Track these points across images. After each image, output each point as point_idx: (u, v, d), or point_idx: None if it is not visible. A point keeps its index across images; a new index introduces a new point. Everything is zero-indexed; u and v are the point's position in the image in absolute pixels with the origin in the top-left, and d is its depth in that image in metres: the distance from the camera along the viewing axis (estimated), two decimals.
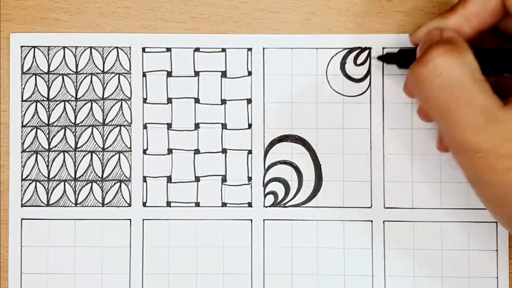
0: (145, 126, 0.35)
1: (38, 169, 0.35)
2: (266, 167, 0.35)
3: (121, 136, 0.35)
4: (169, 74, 0.35)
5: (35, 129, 0.35)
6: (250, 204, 0.35)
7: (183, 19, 0.35)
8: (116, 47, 0.35)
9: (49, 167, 0.35)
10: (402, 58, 0.32)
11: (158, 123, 0.35)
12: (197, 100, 0.35)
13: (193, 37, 0.35)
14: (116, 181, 0.35)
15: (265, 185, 0.35)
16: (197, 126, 0.35)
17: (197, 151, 0.35)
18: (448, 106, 0.26)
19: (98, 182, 0.35)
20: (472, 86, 0.26)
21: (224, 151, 0.35)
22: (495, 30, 0.30)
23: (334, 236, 0.35)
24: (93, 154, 0.35)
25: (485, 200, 0.28)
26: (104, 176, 0.35)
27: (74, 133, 0.35)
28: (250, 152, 0.35)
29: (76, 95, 0.36)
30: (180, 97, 0.35)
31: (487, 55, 0.28)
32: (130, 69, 0.35)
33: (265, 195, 0.35)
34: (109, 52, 0.35)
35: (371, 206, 0.35)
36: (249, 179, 0.35)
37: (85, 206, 0.35)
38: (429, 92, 0.27)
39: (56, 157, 0.35)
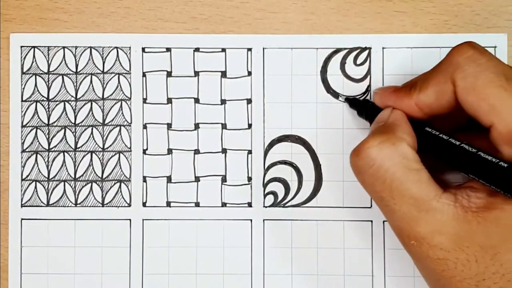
0: (145, 126, 0.35)
1: (38, 169, 0.35)
2: (266, 167, 0.35)
3: (121, 136, 0.35)
4: (169, 74, 0.35)
5: (35, 129, 0.35)
6: (250, 204, 0.35)
7: (183, 19, 0.35)
8: (116, 47, 0.36)
9: (49, 167, 0.35)
10: (363, 108, 0.33)
11: (158, 123, 0.35)
12: (197, 100, 0.35)
13: (193, 37, 0.35)
14: (116, 181, 0.35)
15: (265, 185, 0.35)
16: (197, 126, 0.35)
17: (197, 151, 0.35)
18: (382, 196, 0.27)
19: (98, 182, 0.35)
20: (404, 177, 0.27)
21: (224, 151, 0.35)
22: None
23: (334, 236, 0.35)
24: (93, 154, 0.35)
25: (428, 283, 0.28)
26: (104, 176, 0.35)
27: (74, 133, 0.36)
28: (250, 152, 0.35)
29: (76, 95, 0.36)
30: (180, 97, 0.35)
31: (432, 138, 0.28)
32: (130, 69, 0.35)
33: (265, 195, 0.35)
34: (109, 52, 0.35)
35: (371, 206, 0.35)
36: (249, 179, 0.35)
37: (85, 206, 0.35)
38: (365, 180, 0.28)
39: (56, 157, 0.35)
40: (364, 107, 0.33)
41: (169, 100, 0.35)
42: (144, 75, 0.36)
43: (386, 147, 0.27)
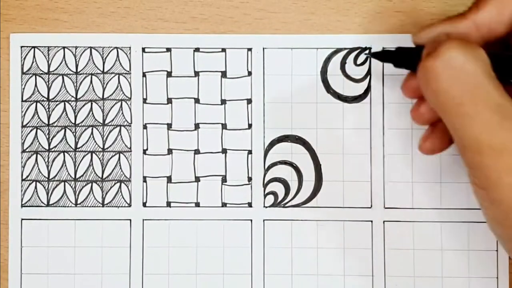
0: (145, 126, 0.35)
1: (38, 169, 0.35)
2: (266, 167, 0.35)
3: (121, 136, 0.35)
4: (169, 74, 0.35)
5: (35, 129, 0.35)
6: (250, 204, 0.35)
7: (183, 19, 0.35)
8: (116, 47, 0.35)
9: (49, 168, 0.35)
10: (400, 57, 0.31)
11: (158, 123, 0.35)
12: (197, 100, 0.35)
13: (193, 37, 0.35)
14: (116, 181, 0.35)
15: (265, 185, 0.35)
16: (197, 126, 0.35)
17: (197, 151, 0.35)
18: (461, 100, 0.25)
19: (98, 182, 0.35)
20: (487, 82, 0.25)
21: (224, 151, 0.35)
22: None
23: (334, 236, 0.35)
24: (93, 154, 0.35)
25: (489, 208, 0.27)
26: (104, 177, 0.35)
27: (74, 133, 0.36)
28: (250, 152, 0.35)
29: (76, 95, 0.36)
30: (180, 97, 0.35)
31: (498, 59, 0.27)
32: (130, 69, 0.35)
33: (265, 195, 0.35)
34: (109, 52, 0.35)
35: (371, 206, 0.35)
36: (249, 179, 0.35)
37: (85, 206, 0.35)
38: (442, 85, 0.26)
39: (56, 158, 0.35)
40: (401, 54, 0.31)
41: (169, 100, 0.35)
42: (144, 75, 0.36)
43: (468, 50, 0.25)
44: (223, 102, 0.35)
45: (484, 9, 0.27)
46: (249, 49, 0.35)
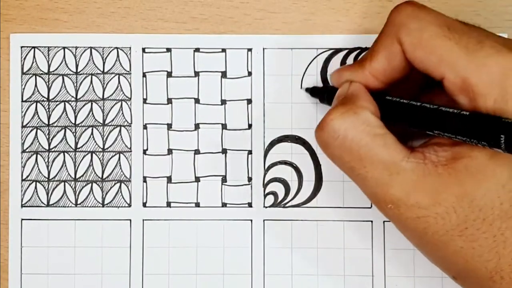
0: (145, 127, 0.35)
1: (38, 169, 0.35)
2: (266, 167, 0.35)
3: (121, 137, 0.35)
4: (169, 74, 0.35)
5: (35, 130, 0.35)
6: (250, 204, 0.35)
7: (183, 20, 0.35)
8: (116, 48, 0.36)
9: (49, 168, 0.35)
10: (324, 94, 0.33)
11: (158, 123, 0.35)
12: (197, 101, 0.35)
13: (193, 37, 0.35)
14: (116, 182, 0.35)
15: (265, 185, 0.35)
16: (197, 126, 0.35)
17: (197, 151, 0.35)
18: (351, 165, 0.27)
19: (98, 183, 0.35)
20: (371, 144, 0.27)
21: (224, 151, 0.35)
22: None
23: (334, 236, 0.35)
24: (93, 155, 0.35)
25: (413, 244, 0.28)
26: (104, 177, 0.35)
27: (74, 134, 0.36)
28: (250, 152, 0.35)
29: (76, 95, 0.36)
30: (180, 98, 0.35)
31: (393, 105, 0.28)
32: (130, 70, 0.35)
33: (265, 195, 0.35)
34: (109, 53, 0.35)
35: (371, 206, 0.35)
36: (249, 179, 0.35)
37: (85, 206, 0.35)
38: (333, 153, 0.28)
39: (56, 158, 0.35)
40: (324, 92, 0.33)
41: (169, 100, 0.35)
42: (144, 75, 0.36)
43: (348, 117, 0.27)
44: (223, 102, 0.35)
45: (376, 61, 0.28)
46: (249, 49, 0.35)
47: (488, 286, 0.26)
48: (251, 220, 0.35)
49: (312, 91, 0.34)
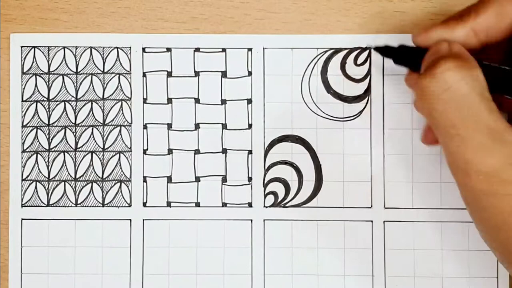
0: (145, 126, 0.35)
1: (38, 169, 0.35)
2: (266, 167, 0.35)
3: (121, 136, 0.35)
4: (169, 74, 0.35)
5: (35, 129, 0.35)
6: (250, 204, 0.35)
7: (183, 19, 0.35)
8: (116, 47, 0.36)
9: (49, 167, 0.35)
10: (401, 54, 0.31)
11: (158, 123, 0.35)
12: (197, 100, 0.35)
13: (193, 37, 0.35)
14: (116, 181, 0.35)
15: (265, 185, 0.35)
16: (197, 126, 0.35)
17: (197, 151, 0.35)
18: (454, 122, 0.25)
19: (98, 182, 0.35)
20: (480, 105, 0.25)
21: (224, 151, 0.35)
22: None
23: (334, 236, 0.35)
24: (93, 154, 0.35)
25: (480, 225, 0.27)
26: (104, 176, 0.35)
27: (74, 133, 0.36)
28: (250, 152, 0.35)
29: (76, 95, 0.36)
30: (180, 97, 0.35)
31: (495, 72, 0.27)
32: (130, 69, 0.36)
33: (265, 195, 0.35)
34: (109, 52, 0.35)
35: (371, 206, 0.35)
36: (249, 179, 0.35)
37: (85, 206, 0.35)
38: (436, 106, 0.26)
39: (56, 157, 0.35)
40: (403, 52, 0.31)
41: (169, 100, 0.35)
42: (144, 75, 0.36)
43: (464, 71, 0.25)
44: (223, 102, 0.35)
45: (483, 15, 0.27)
46: (249, 49, 0.35)
47: None
48: (251, 220, 0.35)
49: (385, 51, 0.32)
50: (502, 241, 0.26)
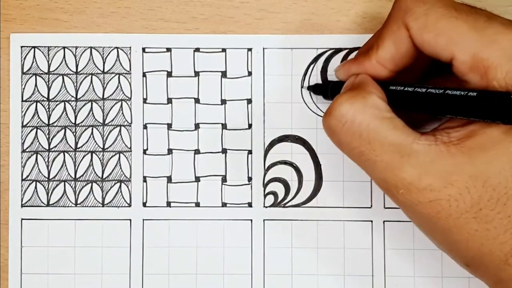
0: (145, 126, 0.35)
1: (38, 169, 0.35)
2: (266, 167, 0.35)
3: (121, 136, 0.35)
4: (169, 74, 0.35)
5: (35, 129, 0.35)
6: (250, 204, 0.35)
7: (183, 19, 0.35)
8: (116, 47, 0.36)
9: (49, 167, 0.35)
10: (328, 90, 0.33)
11: (158, 123, 0.35)
12: (197, 100, 0.35)
13: (193, 37, 0.35)
14: (116, 181, 0.35)
15: (265, 185, 0.35)
16: (197, 126, 0.35)
17: (197, 151, 0.35)
18: (360, 150, 0.27)
19: (98, 182, 0.35)
20: (380, 127, 0.26)
21: (224, 151, 0.35)
22: None
23: (334, 236, 0.35)
24: (93, 154, 0.35)
25: (421, 231, 0.28)
26: (104, 176, 0.35)
27: (74, 133, 0.36)
28: (250, 152, 0.35)
29: (76, 95, 0.36)
30: (180, 97, 0.35)
31: (401, 94, 0.28)
32: (130, 69, 0.36)
33: (265, 195, 0.35)
34: (109, 52, 0.36)
35: (371, 206, 0.35)
36: (249, 179, 0.35)
37: (85, 206, 0.35)
38: (340, 139, 0.27)
39: (56, 157, 0.35)
40: (327, 87, 0.32)
41: (169, 100, 0.35)
42: (144, 75, 0.36)
43: (356, 101, 0.27)
44: (223, 102, 0.35)
45: (383, 48, 0.28)
46: (249, 49, 0.35)
47: (504, 270, 0.25)
48: (251, 220, 0.35)
49: (315, 88, 0.34)
50: (442, 241, 0.27)
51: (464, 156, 0.25)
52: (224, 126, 0.35)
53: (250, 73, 0.35)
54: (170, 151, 0.35)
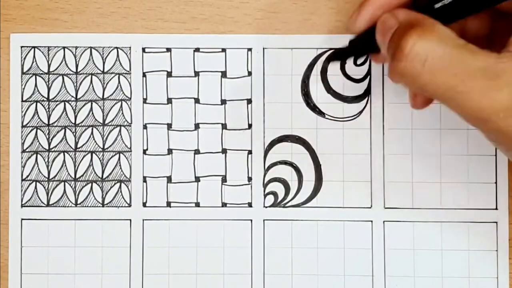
0: (145, 126, 0.35)
1: (38, 169, 0.35)
2: (266, 167, 0.35)
3: (121, 136, 0.35)
4: (169, 74, 0.35)
5: (35, 129, 0.35)
6: (250, 204, 0.35)
7: (183, 19, 0.35)
8: (116, 47, 0.36)
9: (49, 168, 0.35)
10: (353, 49, 0.31)
11: (158, 123, 0.35)
12: (197, 100, 0.35)
13: (193, 37, 0.35)
14: (116, 181, 0.35)
15: (265, 185, 0.35)
16: (197, 126, 0.35)
17: (197, 151, 0.35)
18: (448, 85, 0.25)
19: (98, 182, 0.35)
20: (460, 55, 0.25)
21: (224, 151, 0.35)
22: None
23: (334, 236, 0.35)
24: (93, 154, 0.35)
25: None
26: (104, 177, 0.35)
27: (74, 133, 0.36)
28: (250, 152, 0.35)
29: (76, 95, 0.36)
30: (180, 97, 0.35)
31: (447, 8, 0.27)
32: (130, 69, 0.36)
33: (265, 195, 0.35)
34: (109, 52, 0.35)
35: (371, 206, 0.35)
36: (249, 179, 0.35)
37: (85, 206, 0.35)
38: (423, 80, 0.26)
39: (56, 158, 0.35)
40: (356, 43, 0.30)
41: (169, 100, 0.35)
42: (144, 75, 0.36)
43: (429, 35, 0.25)
44: (223, 102, 0.35)
45: None
46: (249, 49, 0.35)
47: None
48: (251, 220, 0.35)
49: (338, 55, 0.32)
50: None
51: None
52: (224, 126, 0.35)
53: (250, 73, 0.35)
54: (170, 151, 0.35)
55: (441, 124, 0.35)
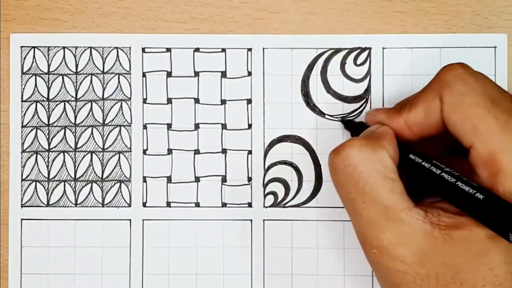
0: (145, 126, 0.35)
1: (38, 169, 0.35)
2: (266, 167, 0.35)
3: (121, 136, 0.35)
4: (169, 74, 0.35)
5: (35, 130, 0.35)
6: (250, 204, 0.35)
7: (183, 19, 0.35)
8: (116, 47, 0.36)
9: (49, 168, 0.35)
10: (357, 130, 0.32)
11: (158, 123, 0.35)
12: (197, 100, 0.35)
13: (193, 37, 0.35)
14: (116, 182, 0.35)
15: (265, 185, 0.35)
16: (197, 126, 0.35)
17: (197, 151, 0.35)
18: (352, 197, 0.27)
19: (98, 183, 0.35)
20: (378, 183, 0.26)
21: (224, 151, 0.35)
22: None
23: (334, 236, 0.35)
24: (93, 155, 0.35)
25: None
26: (104, 177, 0.35)
27: (74, 134, 0.36)
28: (250, 152, 0.35)
29: (76, 95, 0.36)
30: (180, 97, 0.35)
31: (413, 164, 0.28)
32: (130, 69, 0.36)
33: (265, 195, 0.35)
34: (109, 52, 0.35)
35: None
36: (249, 179, 0.35)
37: (85, 206, 0.35)
38: (338, 179, 0.28)
39: (56, 158, 0.35)
40: (358, 129, 0.33)
41: (169, 100, 0.35)
42: (144, 75, 0.36)
43: (366, 150, 0.27)
44: (223, 102, 0.35)
45: (414, 111, 0.28)
46: (249, 49, 0.35)
47: None
48: (251, 220, 0.35)
49: (346, 124, 0.34)
50: None
51: (445, 244, 0.25)
52: (224, 126, 0.35)
53: (250, 73, 0.35)
54: (170, 151, 0.35)
55: None
